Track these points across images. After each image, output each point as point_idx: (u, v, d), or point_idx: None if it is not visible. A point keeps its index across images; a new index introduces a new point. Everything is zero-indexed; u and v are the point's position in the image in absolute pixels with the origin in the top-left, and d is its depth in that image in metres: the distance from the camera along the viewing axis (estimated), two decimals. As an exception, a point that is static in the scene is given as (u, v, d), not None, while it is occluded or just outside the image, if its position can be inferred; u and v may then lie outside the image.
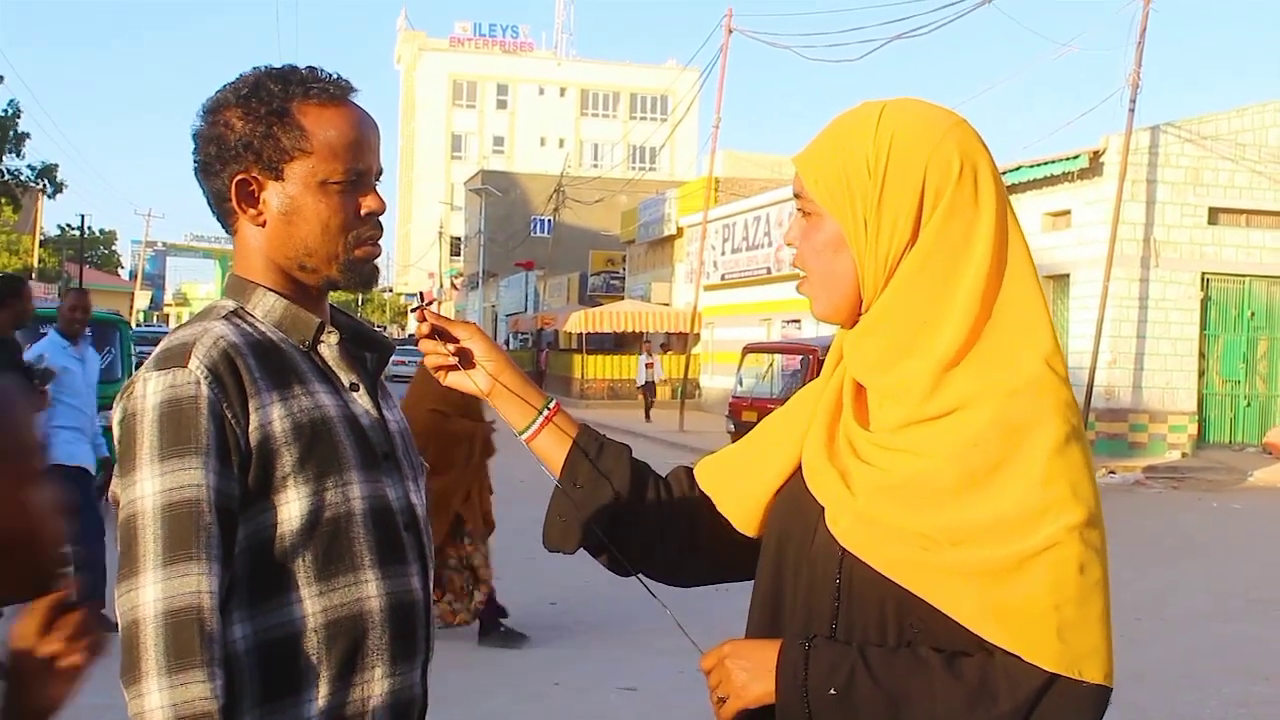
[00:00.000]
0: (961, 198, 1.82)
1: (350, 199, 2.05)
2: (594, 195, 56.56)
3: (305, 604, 1.93)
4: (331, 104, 2.04)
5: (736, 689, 1.86)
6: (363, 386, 2.10)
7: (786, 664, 1.82)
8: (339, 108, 2.05)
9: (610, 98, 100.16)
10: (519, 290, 62.10)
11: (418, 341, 2.21)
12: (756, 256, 35.84)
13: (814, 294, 1.93)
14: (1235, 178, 23.79)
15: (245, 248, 2.09)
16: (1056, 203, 24.07)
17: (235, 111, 2.02)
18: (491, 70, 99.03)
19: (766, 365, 22.58)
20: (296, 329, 2.06)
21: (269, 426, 1.91)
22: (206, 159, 2.05)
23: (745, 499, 2.07)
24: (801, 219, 1.93)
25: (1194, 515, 17.07)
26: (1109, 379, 22.97)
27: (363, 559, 1.98)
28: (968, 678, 1.73)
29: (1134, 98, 22.25)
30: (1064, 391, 1.80)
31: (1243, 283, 24.14)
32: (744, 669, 1.86)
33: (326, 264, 2.06)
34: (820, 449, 1.90)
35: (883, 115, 1.86)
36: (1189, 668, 8.43)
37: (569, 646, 8.58)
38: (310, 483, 1.93)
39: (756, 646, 1.88)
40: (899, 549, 1.76)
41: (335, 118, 2.03)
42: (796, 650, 1.82)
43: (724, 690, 1.88)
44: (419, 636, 2.09)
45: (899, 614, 1.79)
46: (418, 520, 2.12)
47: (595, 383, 41.62)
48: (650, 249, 47.27)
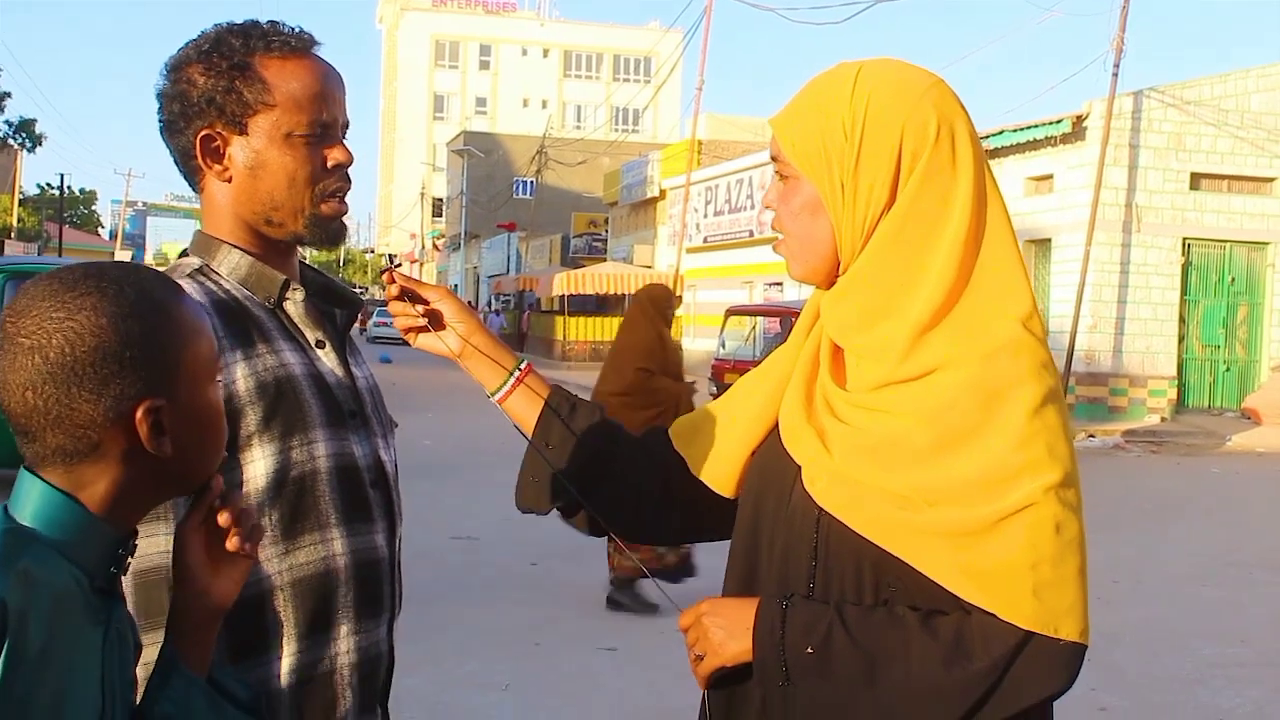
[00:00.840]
0: (938, 160, 1.81)
1: (316, 151, 2.03)
2: (577, 157, 56.47)
3: (271, 563, 1.92)
4: (293, 56, 2.02)
5: (714, 647, 1.86)
6: (330, 344, 2.09)
7: (764, 622, 1.82)
8: (301, 60, 2.03)
9: (593, 59, 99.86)
10: (501, 252, 62.01)
11: (388, 304, 2.20)
12: (739, 219, 35.82)
13: (791, 256, 1.93)
14: (1217, 143, 23.81)
15: (212, 204, 2.07)
16: (1039, 167, 24.08)
17: (197, 68, 2.00)
18: (474, 31, 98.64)
19: (749, 328, 22.57)
20: (262, 286, 2.04)
21: (233, 385, 1.90)
22: (171, 117, 2.03)
23: (720, 459, 2.07)
24: (779, 182, 1.92)
25: (1172, 479, 17.16)
26: (1089, 343, 23.03)
27: (329, 517, 1.97)
28: (943, 636, 1.73)
29: (1117, 62, 22.24)
30: (1041, 352, 1.80)
31: (1223, 248, 24.19)
32: (721, 627, 1.86)
33: (293, 218, 2.04)
34: (798, 409, 1.90)
35: (859, 77, 1.85)
36: (1166, 630, 8.49)
37: (549, 607, 8.60)
38: (275, 441, 1.92)
39: (734, 605, 1.88)
40: (876, 508, 1.76)
41: (298, 70, 2.01)
42: (774, 609, 1.82)
43: (701, 648, 1.88)
44: (385, 594, 2.08)
45: (876, 573, 1.79)
46: (386, 477, 2.12)
47: (577, 344, 41.61)
48: (633, 211, 47.20)
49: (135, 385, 1.42)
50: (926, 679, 1.73)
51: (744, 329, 22.63)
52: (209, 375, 1.52)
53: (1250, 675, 7.50)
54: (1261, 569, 10.74)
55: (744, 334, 22.57)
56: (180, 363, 1.46)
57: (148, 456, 1.45)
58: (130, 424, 1.42)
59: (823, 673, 1.77)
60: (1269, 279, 24.52)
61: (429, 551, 9.56)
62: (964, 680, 1.72)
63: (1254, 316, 24.62)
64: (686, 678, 1.99)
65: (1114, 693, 6.90)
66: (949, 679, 1.72)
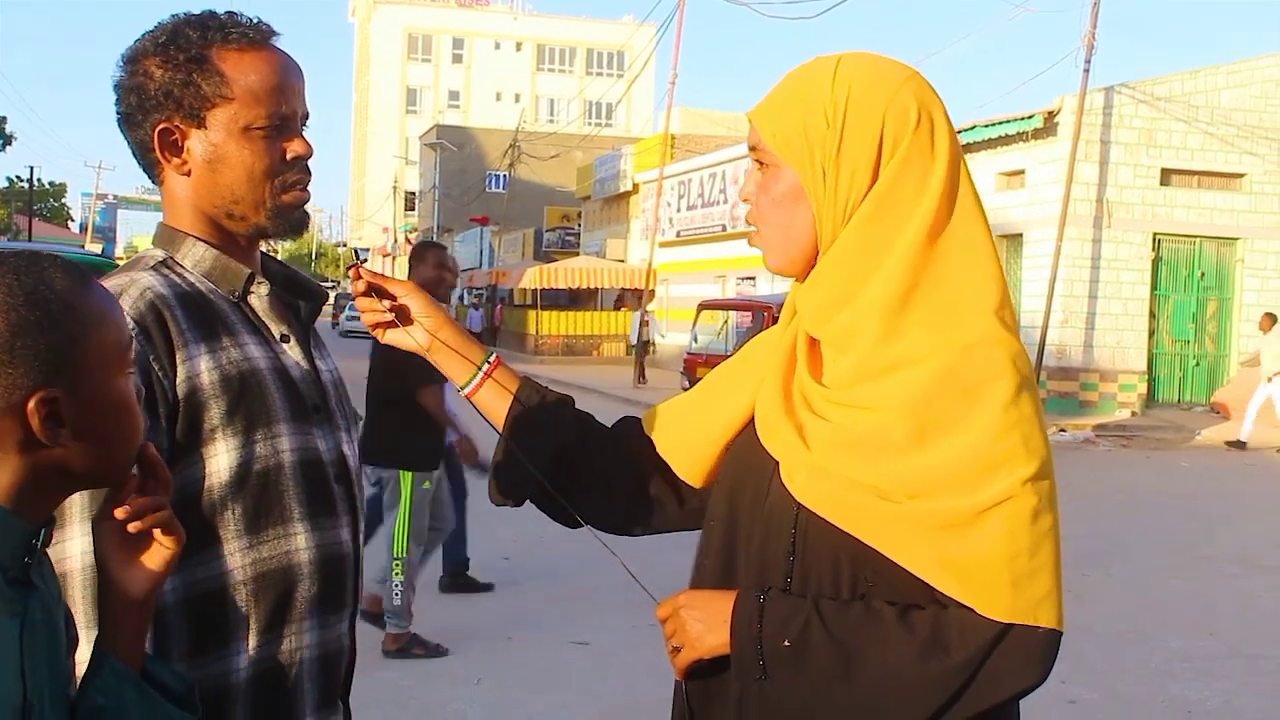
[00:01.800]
0: (918, 147, 1.82)
1: (275, 144, 2.01)
2: (550, 151, 56.37)
3: (234, 557, 1.91)
4: (251, 48, 2.01)
5: (691, 639, 1.86)
6: (294, 337, 2.08)
7: (741, 615, 1.82)
8: (259, 52, 2.01)
9: (567, 53, 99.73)
10: (474, 246, 61.87)
11: (354, 299, 2.19)
12: (712, 213, 35.82)
13: (769, 246, 1.92)
14: (1188, 139, 23.94)
15: (172, 197, 2.06)
16: (1010, 162, 24.16)
17: (154, 60, 1.98)
18: (447, 24, 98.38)
19: (721, 322, 22.60)
20: (226, 279, 2.03)
21: (196, 379, 1.89)
22: (129, 109, 2.01)
23: (694, 450, 2.07)
24: (757, 172, 1.92)
25: (1142, 473, 17.26)
26: (1060, 338, 23.14)
27: (292, 511, 1.97)
28: (920, 630, 1.74)
29: (1089, 58, 22.32)
30: (1014, 344, 1.80)
31: (1193, 243, 24.33)
32: (699, 619, 1.86)
33: (254, 211, 2.03)
34: (775, 403, 1.90)
35: (839, 67, 1.86)
36: (1135, 622, 8.53)
37: (522, 601, 8.60)
38: (239, 435, 1.91)
39: (712, 598, 1.88)
40: (855, 502, 1.76)
41: (256, 62, 2.00)
42: (751, 602, 1.82)
43: (679, 640, 1.88)
44: (347, 588, 2.08)
45: (853, 567, 1.79)
46: (349, 471, 2.11)
47: (550, 338, 41.59)
48: (606, 205, 47.17)
49: (28, 376, 1.39)
50: (903, 672, 1.73)
51: (716, 324, 22.65)
52: (117, 366, 1.50)
53: (1219, 668, 7.55)
54: (1230, 562, 10.81)
55: (716, 329, 22.59)
56: (82, 353, 1.44)
57: (48, 448, 1.42)
58: (24, 415, 1.40)
59: (799, 666, 1.77)
60: (1238, 274, 24.67)
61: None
62: (941, 673, 1.72)
63: (1223, 311, 24.77)
64: (659, 672, 1.99)
65: (1083, 685, 6.94)
66: (925, 672, 1.72)
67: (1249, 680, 7.35)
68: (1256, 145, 24.10)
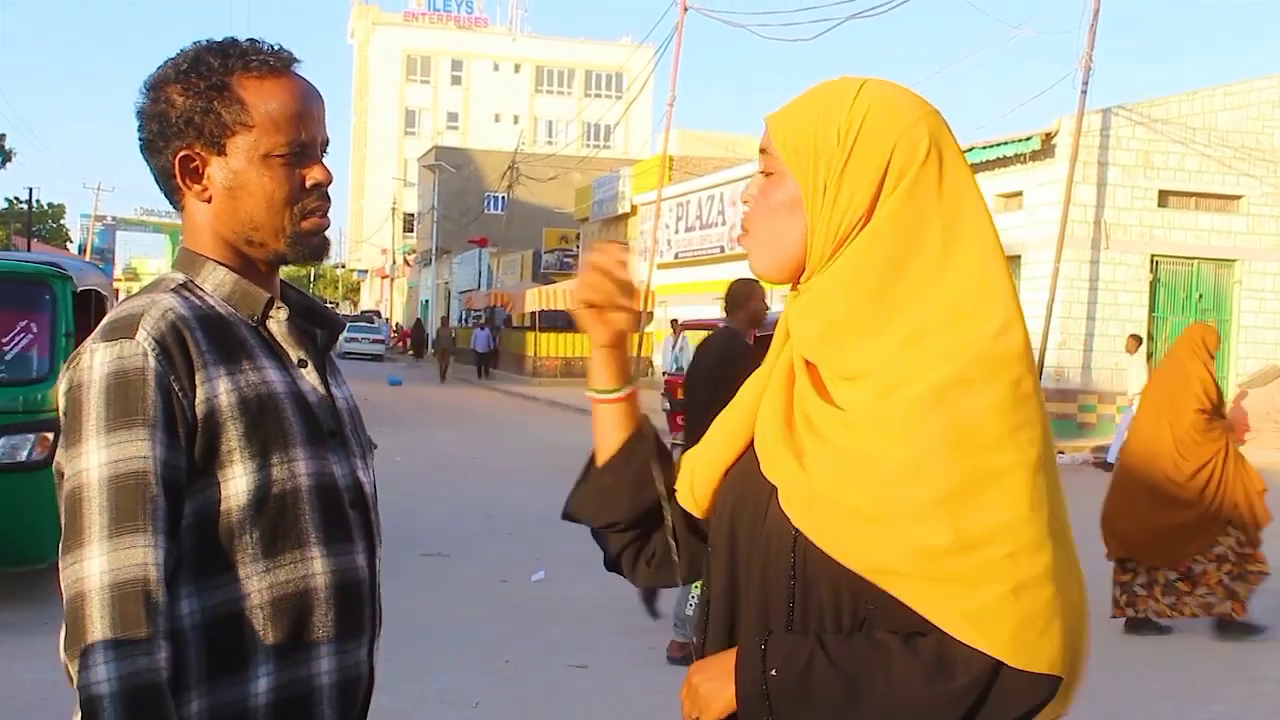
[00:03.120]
0: (924, 180, 1.83)
1: (294, 171, 2.03)
2: (548, 172, 56.46)
3: (252, 580, 1.92)
4: (272, 75, 2.03)
5: (705, 702, 1.86)
6: (311, 363, 2.09)
7: (744, 661, 1.82)
8: (280, 79, 2.03)
9: (565, 74, 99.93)
10: (472, 267, 61.92)
11: (593, 268, 2.07)
12: (710, 235, 35.87)
13: (758, 249, 1.93)
14: (1185, 161, 23.99)
15: (193, 223, 2.07)
16: (1008, 184, 24.21)
17: (176, 87, 2.00)
18: (446, 46, 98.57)
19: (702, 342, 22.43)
20: (245, 304, 2.05)
21: (215, 400, 1.90)
22: (150, 136, 2.03)
23: (693, 479, 2.07)
24: (761, 178, 1.94)
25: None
26: (1059, 360, 23.15)
27: (309, 536, 1.98)
28: (924, 654, 1.74)
29: (1086, 80, 22.40)
30: (1016, 368, 1.79)
31: (1191, 265, 24.36)
32: (707, 680, 1.86)
33: (274, 238, 2.04)
34: (774, 427, 1.89)
35: (861, 90, 1.87)
36: (1134, 645, 8.52)
37: (520, 623, 8.58)
38: (255, 458, 1.92)
39: (716, 658, 1.89)
40: (852, 532, 1.75)
41: (276, 89, 2.02)
42: (753, 648, 1.82)
43: (695, 709, 1.88)
44: (365, 615, 2.08)
45: (854, 591, 1.79)
46: (365, 498, 2.12)
47: (548, 360, 41.57)
48: (604, 227, 47.22)
49: None
50: (910, 696, 1.73)
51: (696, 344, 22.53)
52: None
53: (1220, 691, 7.53)
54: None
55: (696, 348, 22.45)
56: None
57: None
58: None
59: (805, 699, 1.77)
60: (1236, 296, 24.70)
61: (399, 568, 9.52)
62: (947, 695, 1.72)
63: (1221, 333, 24.72)
64: (657, 695, 1.99)
65: (1080, 709, 6.90)
66: (932, 694, 1.72)
67: (1248, 702, 7.34)
68: (1254, 167, 24.16)
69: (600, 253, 2.08)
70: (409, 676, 7.03)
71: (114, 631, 1.76)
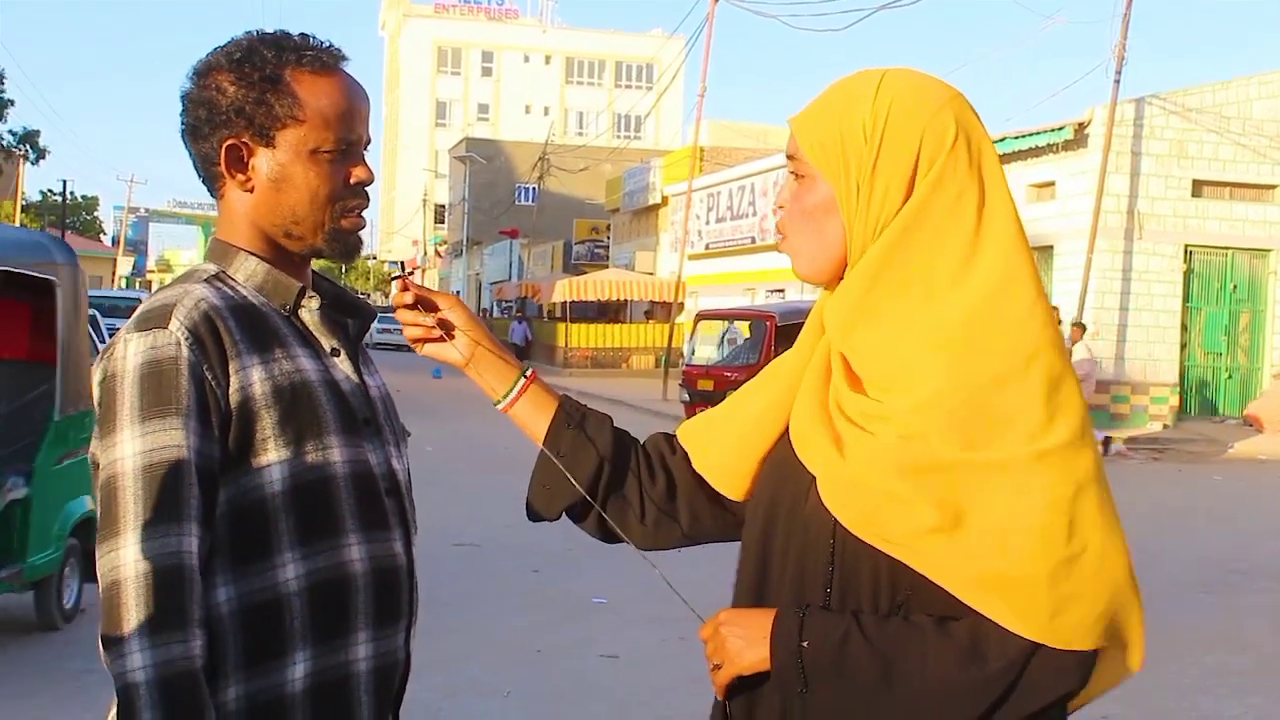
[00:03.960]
0: (953, 167, 1.82)
1: (339, 168, 2.04)
2: (579, 164, 56.51)
3: (288, 567, 1.93)
4: (325, 73, 2.04)
5: (731, 656, 1.87)
6: (344, 352, 2.10)
7: (781, 630, 1.83)
8: (332, 77, 2.05)
9: (595, 65, 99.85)
10: (503, 258, 62.01)
11: (395, 311, 2.20)
12: (741, 226, 35.83)
13: (797, 253, 1.93)
14: (1219, 150, 23.83)
15: (231, 212, 2.08)
16: (1041, 174, 24.09)
17: (228, 76, 2.01)
18: (476, 37, 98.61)
19: (720, 332, 22.30)
20: (278, 293, 2.06)
21: (249, 389, 1.91)
22: (195, 122, 2.04)
23: (730, 465, 2.07)
24: (793, 181, 1.93)
25: (1174, 486, 17.16)
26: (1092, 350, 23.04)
27: (344, 522, 1.99)
28: (959, 637, 1.75)
29: (1119, 70, 22.26)
30: (1045, 355, 1.79)
31: (1225, 255, 24.20)
32: (739, 636, 1.87)
33: (313, 232, 2.06)
34: (810, 415, 1.90)
35: (882, 83, 1.86)
36: (1169, 638, 8.46)
37: (551, 614, 8.61)
38: (290, 446, 1.93)
39: (751, 615, 1.89)
40: (888, 518, 1.76)
41: (328, 87, 2.03)
42: (791, 617, 1.83)
43: (718, 657, 1.89)
44: (402, 600, 2.10)
45: (892, 577, 1.80)
46: (399, 486, 2.13)
47: (579, 351, 41.58)
48: (635, 218, 47.23)
49: None
50: (944, 679, 1.74)
51: (715, 334, 22.37)
52: None
53: (1252, 683, 7.50)
54: (1263, 576, 10.74)
55: (715, 339, 22.30)
56: None
57: None
58: None
59: (840, 677, 1.78)
60: (1271, 286, 24.53)
61: (431, 558, 9.54)
62: (981, 679, 1.73)
63: (1256, 323, 24.62)
64: (689, 684, 1.99)
65: (1116, 700, 6.88)
66: (966, 679, 1.74)
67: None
68: (1289, 157, 23.96)
69: (396, 298, 2.18)
70: (440, 667, 7.03)
71: (149, 619, 1.77)
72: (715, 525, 2.17)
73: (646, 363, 39.62)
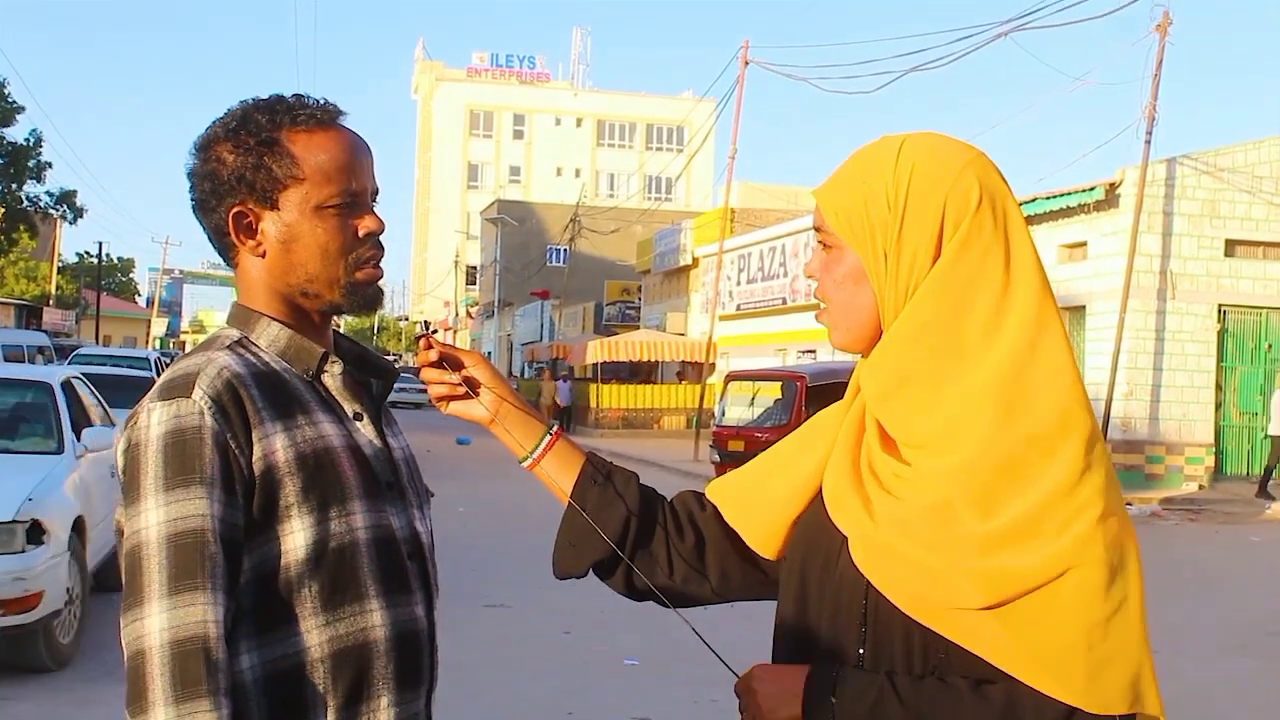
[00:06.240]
0: (978, 228, 1.82)
1: (347, 221, 2.05)
2: (610, 225, 56.77)
3: (312, 634, 1.93)
4: (320, 129, 2.05)
5: (764, 713, 1.86)
6: (366, 415, 2.11)
7: (814, 688, 1.82)
8: (328, 132, 2.06)
9: (626, 128, 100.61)
10: (534, 319, 62.25)
11: (418, 371, 2.21)
12: (772, 287, 35.89)
13: (833, 324, 1.94)
14: (1252, 210, 23.75)
15: (247, 279, 2.10)
16: (1072, 234, 24.05)
17: (226, 146, 2.03)
18: (508, 100, 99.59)
19: (751, 394, 22.32)
20: (300, 359, 2.06)
21: (273, 456, 1.91)
22: (202, 195, 2.06)
23: (763, 522, 2.07)
24: (822, 251, 1.94)
25: (1211, 547, 16.98)
26: (1125, 411, 22.90)
27: (368, 588, 1.98)
28: (995, 701, 1.73)
29: (1150, 130, 22.25)
30: (1084, 424, 1.78)
31: (1260, 315, 24.06)
32: (771, 695, 1.86)
33: (329, 288, 2.06)
34: (843, 477, 1.90)
35: (902, 149, 1.87)
36: (1207, 703, 8.36)
37: (583, 675, 8.56)
38: (314, 513, 1.93)
39: (784, 671, 1.89)
40: (919, 588, 1.75)
41: (325, 142, 2.05)
42: (824, 676, 1.82)
43: (751, 715, 1.88)
44: (424, 665, 2.09)
45: (924, 639, 1.79)
46: (422, 548, 2.13)
47: (611, 412, 41.57)
48: (665, 279, 47.35)
49: None
50: None
51: (746, 395, 22.39)
52: None
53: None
54: (1304, 640, 10.59)
55: (745, 400, 22.32)
56: None
57: None
58: None
59: None
60: (1307, 346, 24.34)
61: (462, 619, 9.53)
62: None
63: (1291, 383, 24.42)
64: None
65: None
66: None
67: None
68: (1322, 216, 23.86)
69: (420, 357, 2.19)
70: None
71: (175, 689, 1.76)
72: (745, 583, 2.16)
73: (678, 423, 39.59)
